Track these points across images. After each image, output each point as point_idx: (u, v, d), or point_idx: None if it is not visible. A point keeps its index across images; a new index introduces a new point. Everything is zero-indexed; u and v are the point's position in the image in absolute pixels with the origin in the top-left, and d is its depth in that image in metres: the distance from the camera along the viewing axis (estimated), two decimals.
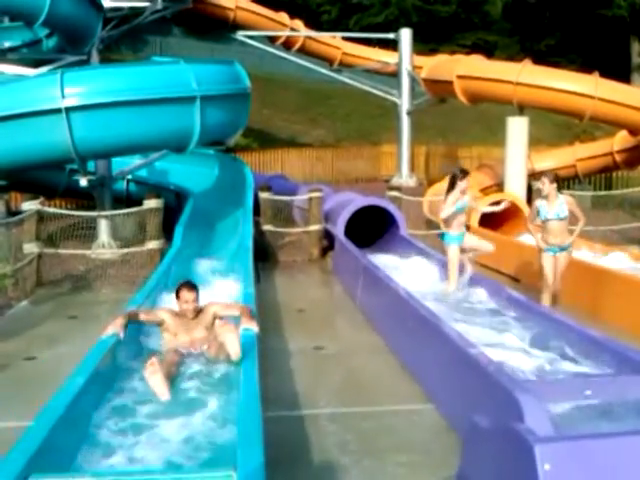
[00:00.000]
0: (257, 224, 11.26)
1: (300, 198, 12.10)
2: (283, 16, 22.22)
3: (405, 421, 4.81)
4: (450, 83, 17.15)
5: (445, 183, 13.90)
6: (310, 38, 22.58)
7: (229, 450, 3.57)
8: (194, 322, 5.35)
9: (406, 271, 8.51)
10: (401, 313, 6.36)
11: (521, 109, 15.13)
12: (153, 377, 4.53)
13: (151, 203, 9.77)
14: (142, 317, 5.33)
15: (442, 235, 7.51)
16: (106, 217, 10.59)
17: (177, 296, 5.37)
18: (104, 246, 10.47)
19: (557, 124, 25.96)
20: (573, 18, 34.14)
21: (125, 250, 10.09)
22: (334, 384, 5.53)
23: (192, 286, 5.42)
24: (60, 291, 8.94)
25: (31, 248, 8.92)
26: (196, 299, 5.37)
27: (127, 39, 25.03)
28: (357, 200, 11.25)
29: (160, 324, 5.36)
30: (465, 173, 7.44)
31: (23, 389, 5.45)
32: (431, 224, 13.37)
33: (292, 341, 6.71)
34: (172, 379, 4.72)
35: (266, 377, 4.99)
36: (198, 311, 5.38)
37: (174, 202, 12.02)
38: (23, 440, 3.39)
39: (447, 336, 5.04)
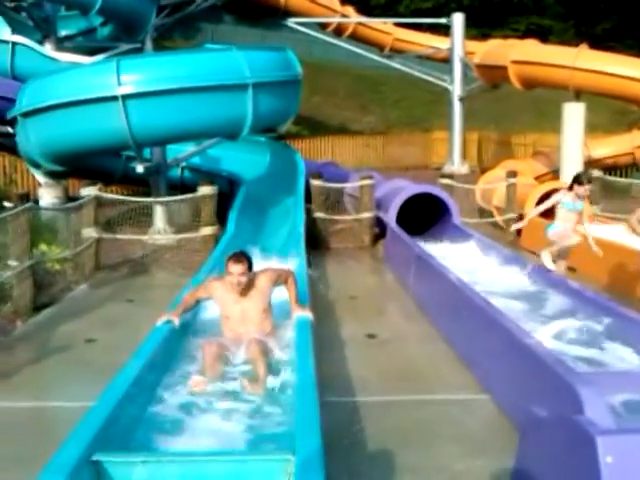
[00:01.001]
0: (308, 211, 11.30)
1: (351, 185, 12.09)
2: (334, 2, 22.14)
3: (460, 410, 4.79)
4: (504, 68, 16.87)
5: (499, 170, 13.78)
6: (361, 24, 22.46)
7: (286, 434, 3.63)
8: (245, 297, 5.17)
9: (460, 260, 8.43)
10: (455, 302, 6.32)
11: (577, 95, 14.79)
12: (207, 350, 4.64)
13: (205, 190, 9.89)
14: (193, 298, 5.31)
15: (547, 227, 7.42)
16: (161, 203, 10.78)
17: (225, 269, 5.15)
18: (160, 232, 10.66)
19: (613, 110, 25.27)
20: (630, 1, 33.07)
21: (180, 236, 10.25)
22: (387, 372, 5.53)
23: (239, 258, 5.11)
24: (117, 275, 9.16)
25: (90, 233, 9.14)
26: (245, 272, 5.06)
27: (179, 27, 25.27)
28: (409, 188, 11.19)
29: (213, 299, 5.27)
30: (588, 181, 7.27)
31: (84, 370, 5.60)
32: (483, 212, 13.23)
33: (344, 328, 6.73)
34: (225, 361, 4.80)
35: (319, 363, 5.00)
36: (249, 284, 5.15)
37: (227, 189, 12.14)
38: (86, 420, 3.49)
39: (503, 326, 4.98)
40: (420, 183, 11.82)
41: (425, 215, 11.36)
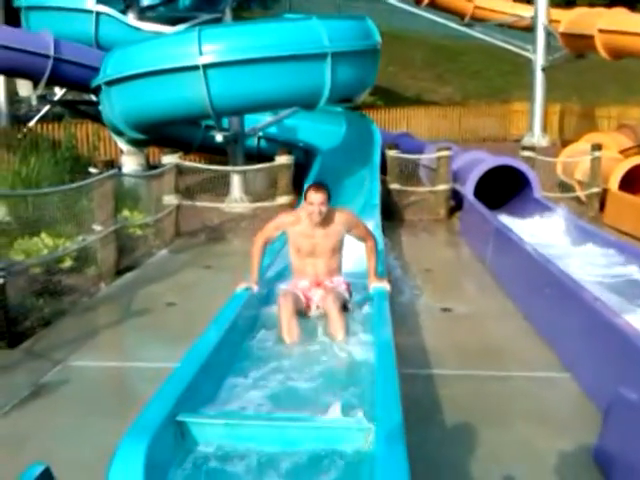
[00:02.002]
0: (383, 182, 11.21)
1: (428, 157, 11.91)
2: None
3: (540, 389, 4.69)
4: (591, 38, 16.21)
5: (582, 144, 13.28)
6: None
7: (363, 403, 3.64)
8: (320, 230, 5.05)
9: (542, 234, 8.22)
10: (536, 277, 6.17)
11: None
12: (283, 313, 4.73)
13: (282, 159, 9.94)
14: (264, 241, 5.24)
15: None
16: (239, 172, 10.90)
17: (306, 199, 5.02)
18: (236, 200, 10.81)
19: None
20: None
21: (256, 204, 10.37)
22: (465, 346, 5.46)
23: (320, 187, 5.01)
24: (196, 241, 9.36)
25: (170, 200, 9.36)
26: (324, 202, 4.94)
27: None
28: (488, 159, 10.94)
29: (286, 232, 5.18)
30: None
31: (164, 333, 5.76)
32: (564, 187, 12.82)
33: (419, 301, 6.68)
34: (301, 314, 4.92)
35: (395, 335, 5.00)
36: (325, 218, 5.02)
37: (303, 159, 12.17)
38: (170, 381, 3.58)
39: (589, 303, 4.83)
40: (499, 155, 11.53)
41: (503, 188, 11.10)
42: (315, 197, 4.94)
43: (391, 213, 10.99)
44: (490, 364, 5.09)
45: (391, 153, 11.41)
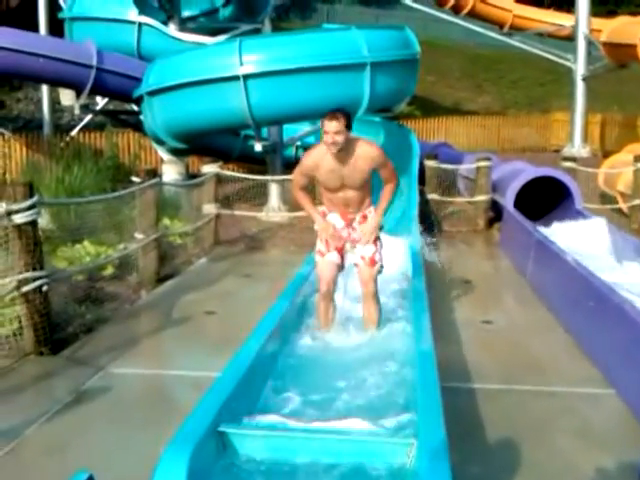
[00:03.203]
0: (421, 193, 11.16)
1: (467, 167, 11.82)
2: None
3: (582, 405, 4.59)
4: (633, 47, 15.97)
5: (624, 155, 13.05)
6: (481, 1, 21.78)
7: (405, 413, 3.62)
8: (344, 163, 4.70)
9: (584, 247, 8.08)
10: (579, 290, 6.05)
11: None
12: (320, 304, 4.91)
13: None
14: (304, 182, 5.01)
15: None
16: (277, 182, 10.96)
17: (322, 129, 4.68)
18: (274, 209, 10.86)
19: None
20: None
21: (294, 214, 10.39)
22: (505, 359, 5.39)
23: (335, 114, 4.54)
24: (235, 250, 9.43)
25: (210, 209, 9.45)
26: (340, 132, 4.50)
27: (296, 7, 25.48)
28: (529, 170, 10.80)
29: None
30: None
31: (204, 341, 5.79)
32: (606, 198, 12.61)
33: (459, 313, 6.61)
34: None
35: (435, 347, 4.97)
36: (348, 148, 4.65)
37: None
38: (212, 391, 3.60)
39: (634, 317, 4.72)
40: (539, 166, 11.39)
41: (543, 199, 10.95)
42: (329, 125, 4.52)
43: (429, 223, 10.92)
44: (532, 379, 5.00)
45: (430, 163, 11.35)
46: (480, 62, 28.44)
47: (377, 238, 5.12)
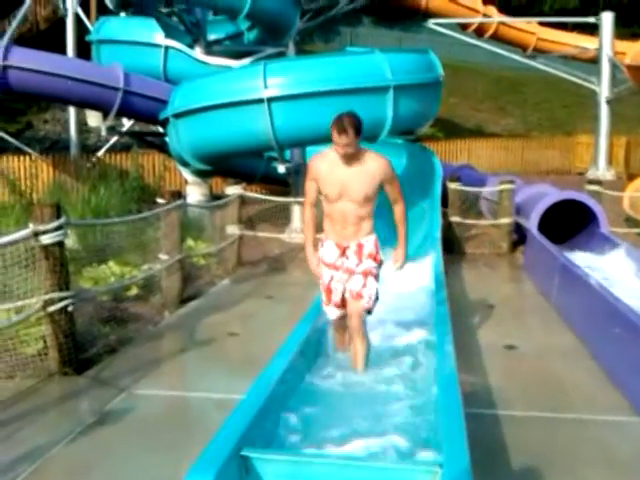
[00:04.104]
0: (444, 215, 11.14)
1: (491, 189, 11.79)
2: (476, 2, 21.73)
3: (609, 433, 4.51)
4: None
5: None
6: (503, 24, 21.86)
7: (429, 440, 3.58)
8: (350, 167, 4.50)
9: (610, 271, 8.00)
10: (605, 316, 5.98)
11: None
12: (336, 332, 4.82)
13: None
14: (314, 197, 4.75)
15: None
16: (299, 203, 10.99)
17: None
18: (297, 231, 10.89)
19: None
20: None
21: (316, 235, 10.40)
22: (529, 386, 5.32)
23: (344, 124, 4.37)
24: (257, 272, 9.46)
25: (233, 230, 9.51)
26: (350, 144, 4.37)
27: (319, 30, 25.72)
28: (553, 193, 10.75)
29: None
30: None
31: (227, 363, 5.80)
32: (631, 222, 12.48)
33: (482, 337, 6.55)
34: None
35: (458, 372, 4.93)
36: (356, 157, 4.50)
37: None
38: (235, 414, 3.59)
39: None
40: (563, 189, 11.33)
41: (568, 222, 10.87)
42: (339, 139, 4.38)
43: (452, 246, 10.88)
44: (557, 406, 4.93)
45: (453, 185, 11.34)
46: (503, 84, 28.45)
47: (370, 274, 4.72)
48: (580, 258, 8.67)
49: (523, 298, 8.61)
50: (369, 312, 4.77)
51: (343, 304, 4.80)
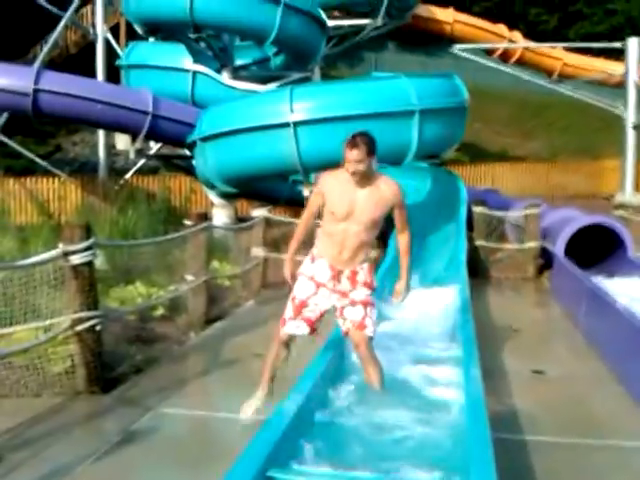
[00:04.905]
0: (469, 239, 11.10)
1: (517, 214, 11.74)
2: (501, 28, 21.85)
3: (638, 459, 4.45)
4: None
5: None
6: (529, 49, 21.91)
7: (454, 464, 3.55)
8: (362, 190, 4.34)
9: (638, 296, 7.90)
10: (633, 341, 5.90)
11: None
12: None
13: None
14: (311, 215, 4.65)
15: None
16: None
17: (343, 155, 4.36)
18: None
19: None
20: None
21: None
22: (557, 411, 5.25)
23: (357, 141, 4.25)
24: (282, 293, 9.41)
25: (258, 252, 9.56)
26: (363, 160, 4.23)
27: (344, 55, 25.95)
28: (580, 218, 10.69)
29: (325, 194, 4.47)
30: None
31: (254, 384, 5.77)
32: None
33: (509, 362, 6.48)
34: None
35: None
36: (368, 179, 4.34)
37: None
38: (261, 435, 3.59)
39: None
40: (590, 213, 11.26)
41: (594, 247, 10.78)
42: (350, 154, 4.25)
43: (477, 270, 10.83)
44: (585, 432, 4.86)
45: (478, 209, 11.32)
46: (528, 108, 28.41)
47: (369, 303, 4.63)
48: (607, 283, 8.58)
49: (550, 323, 8.53)
50: (372, 338, 4.70)
51: (313, 325, 4.73)
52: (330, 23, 16.34)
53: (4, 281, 5.53)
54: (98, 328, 5.45)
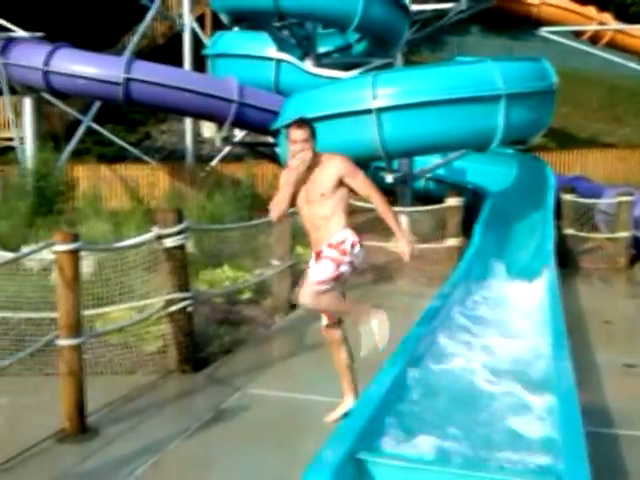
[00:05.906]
0: (557, 227, 10.79)
1: (607, 201, 11.33)
2: (590, 10, 20.98)
3: None
4: None
5: None
6: (620, 31, 20.98)
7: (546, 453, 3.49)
8: (311, 174, 4.41)
9: None
10: None
11: None
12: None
13: (452, 201, 9.90)
14: (287, 199, 4.55)
15: None
16: (406, 213, 10.97)
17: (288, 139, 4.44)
18: None
19: None
20: None
21: (423, 245, 10.34)
22: None
23: (301, 123, 4.38)
24: (363, 280, 9.48)
25: None
26: (307, 139, 4.29)
27: (426, 40, 25.54)
28: None
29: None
30: None
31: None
32: None
33: (600, 355, 6.30)
34: None
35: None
36: (315, 163, 4.39)
37: (472, 201, 12.00)
38: (351, 417, 3.64)
39: None
40: None
41: None
42: (294, 134, 4.34)
43: (565, 260, 10.51)
44: None
45: (567, 197, 10.98)
46: (619, 93, 27.24)
47: (329, 258, 4.60)
48: None
49: None
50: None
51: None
52: (413, 8, 16.15)
53: (101, 262, 5.79)
54: (190, 309, 5.63)
